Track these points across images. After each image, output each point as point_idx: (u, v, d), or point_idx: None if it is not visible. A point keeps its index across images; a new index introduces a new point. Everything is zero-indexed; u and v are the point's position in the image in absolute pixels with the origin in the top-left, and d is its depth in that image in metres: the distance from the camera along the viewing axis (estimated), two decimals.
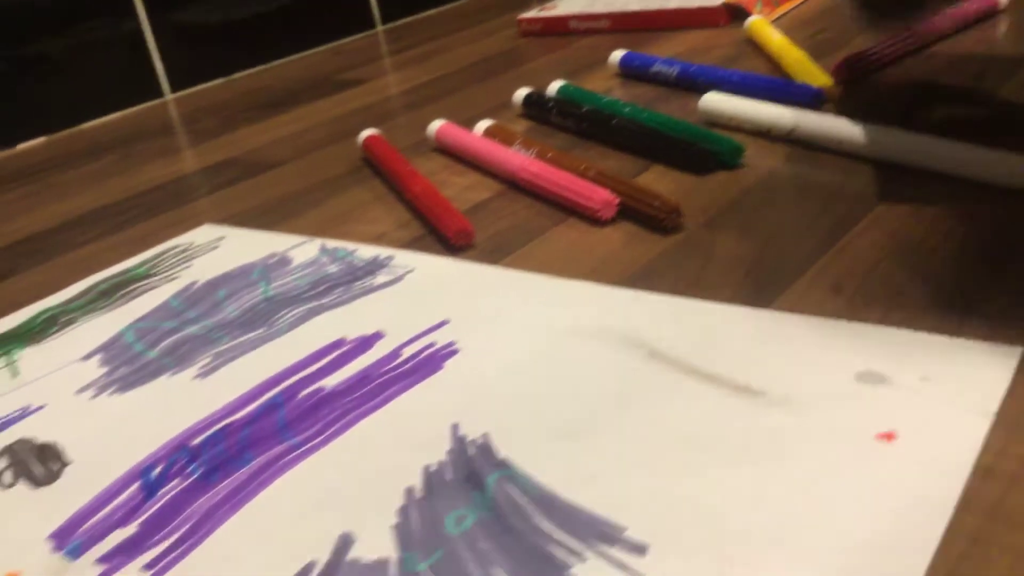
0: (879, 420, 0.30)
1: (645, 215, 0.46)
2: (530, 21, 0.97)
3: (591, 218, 0.48)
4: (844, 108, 0.58)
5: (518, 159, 0.53)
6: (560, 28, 0.95)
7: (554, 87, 0.68)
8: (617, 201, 0.47)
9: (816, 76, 0.62)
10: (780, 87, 0.61)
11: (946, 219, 0.42)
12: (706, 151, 0.52)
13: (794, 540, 0.26)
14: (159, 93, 0.95)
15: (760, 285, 0.39)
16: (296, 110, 0.82)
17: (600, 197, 0.47)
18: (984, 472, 0.27)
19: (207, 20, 0.98)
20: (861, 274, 0.39)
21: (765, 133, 0.56)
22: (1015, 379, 0.31)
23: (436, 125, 0.62)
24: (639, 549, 0.26)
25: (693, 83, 0.67)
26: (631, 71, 0.73)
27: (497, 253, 0.46)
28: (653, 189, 0.47)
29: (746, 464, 0.29)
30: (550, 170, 0.51)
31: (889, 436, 0.29)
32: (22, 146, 0.85)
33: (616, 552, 0.26)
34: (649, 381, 0.34)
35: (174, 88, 0.96)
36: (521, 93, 0.67)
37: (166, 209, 0.59)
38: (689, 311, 0.38)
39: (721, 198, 0.49)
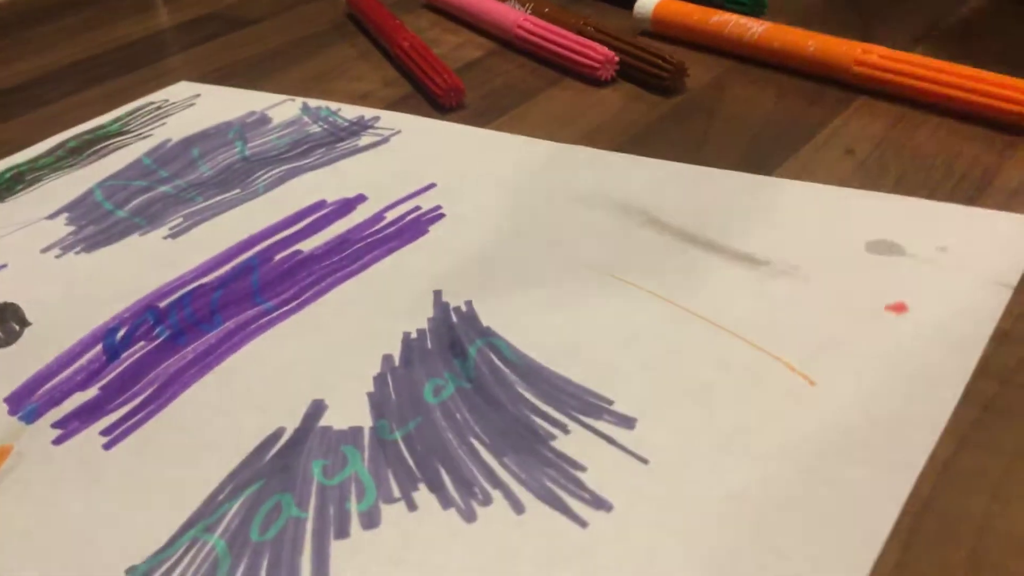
0: (890, 291, 0.28)
1: (648, 75, 0.43)
2: None
3: (589, 78, 0.45)
4: None
5: (514, 14, 0.49)
6: None
7: None
8: (617, 59, 0.44)
9: None
10: None
11: None
12: (719, 3, 0.49)
13: (796, 415, 0.24)
14: None
15: (767, 149, 0.36)
16: None
17: (600, 55, 0.44)
18: (1001, 337, 0.25)
19: None
20: (876, 137, 0.36)
21: None
22: None
23: None
24: (627, 422, 0.25)
25: None
26: None
27: (489, 114, 0.43)
28: (657, 47, 0.44)
29: (746, 336, 0.27)
30: (547, 27, 0.47)
31: (899, 307, 0.27)
32: None
33: (602, 425, 0.25)
34: (645, 249, 0.32)
35: None
36: None
37: (141, 65, 0.56)
38: (690, 177, 0.35)
39: (730, 57, 0.45)
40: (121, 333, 0.31)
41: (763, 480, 0.23)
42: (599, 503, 0.23)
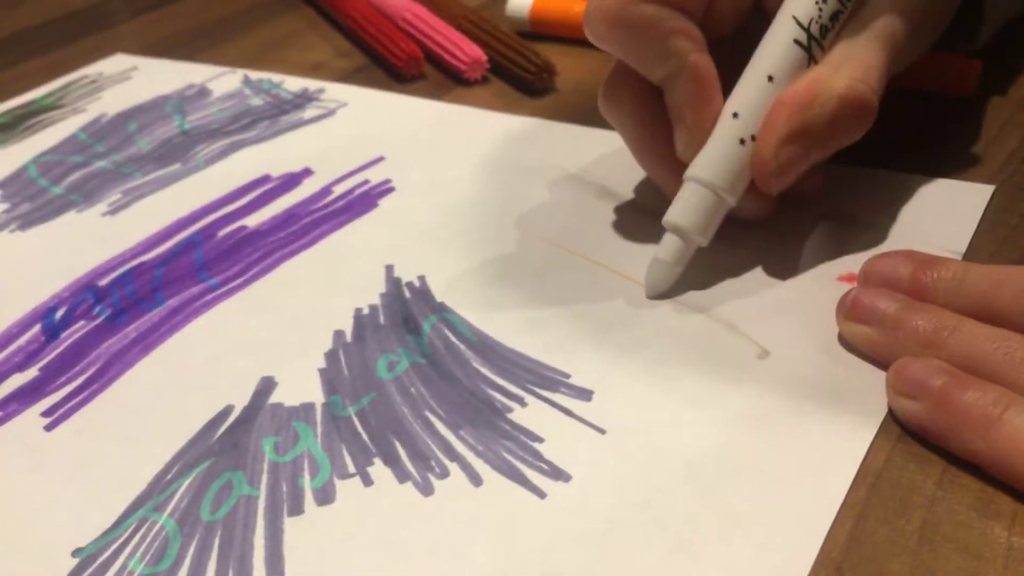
0: (842, 261, 0.28)
1: (514, 74, 0.41)
2: None
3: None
4: None
5: (400, 2, 0.47)
6: None
7: None
8: (486, 61, 0.42)
9: None
10: None
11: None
12: None
13: (750, 384, 0.24)
14: None
15: None
16: None
17: (468, 56, 0.42)
18: None
19: None
20: None
21: None
22: (986, 218, 0.29)
23: None
24: (584, 394, 0.25)
25: None
26: None
27: (447, 85, 0.42)
28: (526, 44, 0.42)
29: (700, 306, 0.27)
30: (426, 20, 0.45)
31: (851, 278, 0.27)
32: None
33: (560, 397, 0.25)
34: (599, 222, 0.32)
35: None
36: None
37: (86, 35, 0.54)
38: None
39: None
40: (60, 313, 0.30)
41: (718, 448, 0.23)
42: (557, 474, 0.22)
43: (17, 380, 0.28)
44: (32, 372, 0.28)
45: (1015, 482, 0.21)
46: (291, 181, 0.36)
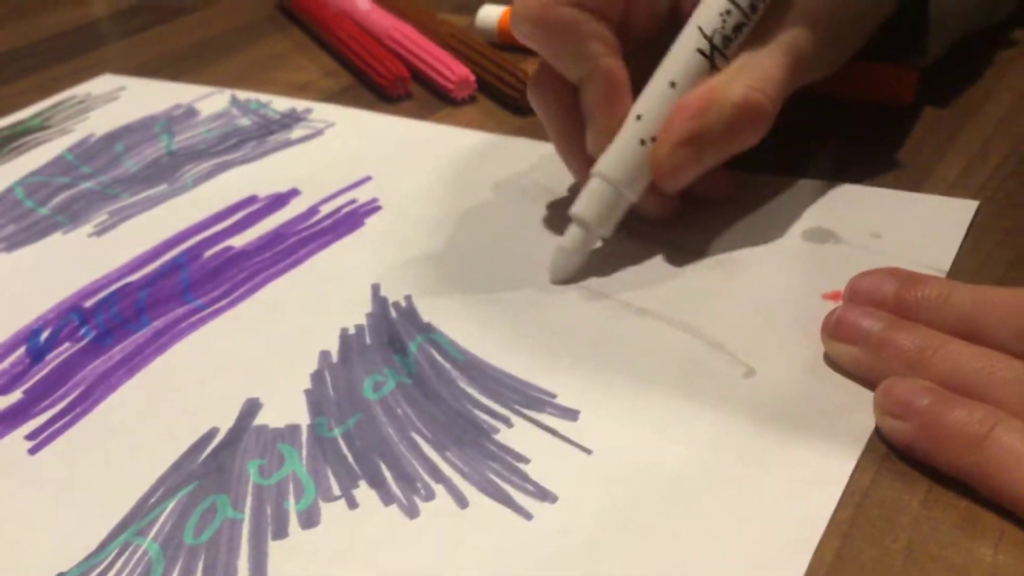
0: (826, 279, 0.28)
1: (500, 92, 0.42)
2: None
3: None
4: None
5: (387, 21, 0.48)
6: None
7: None
8: (473, 80, 0.42)
9: None
10: None
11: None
12: None
13: (735, 402, 0.24)
14: None
15: None
16: None
17: (456, 75, 0.42)
18: None
19: None
20: (811, 125, 0.36)
21: None
22: (970, 234, 0.29)
23: None
24: (570, 415, 0.25)
25: None
26: None
27: (434, 105, 0.42)
28: (511, 62, 0.42)
29: (685, 325, 0.27)
30: (413, 38, 0.46)
31: (837, 296, 0.27)
32: None
33: (545, 418, 0.25)
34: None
35: None
36: None
37: (73, 56, 0.54)
38: None
39: None
40: (45, 335, 0.30)
41: (704, 467, 0.23)
42: (543, 495, 0.22)
43: (1, 403, 0.27)
44: (17, 395, 0.28)
45: (1003, 499, 0.21)
46: (278, 201, 0.36)
